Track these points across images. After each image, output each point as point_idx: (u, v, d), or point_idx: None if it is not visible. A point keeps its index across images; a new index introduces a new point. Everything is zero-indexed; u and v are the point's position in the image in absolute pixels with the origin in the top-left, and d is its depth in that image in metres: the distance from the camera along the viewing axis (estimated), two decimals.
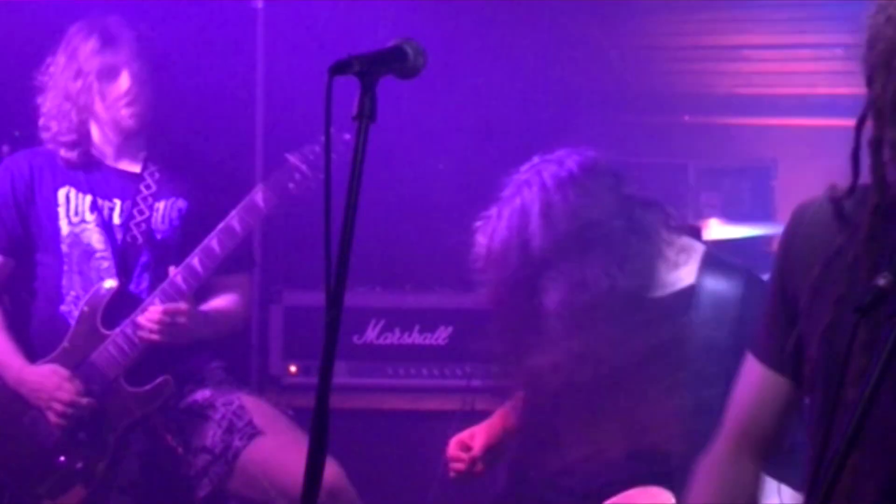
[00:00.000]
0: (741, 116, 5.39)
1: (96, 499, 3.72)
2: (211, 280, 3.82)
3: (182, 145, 3.95)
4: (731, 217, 4.53)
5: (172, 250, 3.81)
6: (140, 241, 3.80)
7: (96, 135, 3.85)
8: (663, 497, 2.64)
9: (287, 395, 4.17)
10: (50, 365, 3.74)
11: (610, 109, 4.83)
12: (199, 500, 3.73)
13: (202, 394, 3.81)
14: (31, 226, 3.84)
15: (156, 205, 3.84)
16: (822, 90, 5.28)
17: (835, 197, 1.72)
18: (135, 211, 3.82)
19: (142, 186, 3.85)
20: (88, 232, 3.80)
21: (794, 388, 1.90)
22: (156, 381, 3.73)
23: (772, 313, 1.87)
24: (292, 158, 3.85)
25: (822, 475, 1.42)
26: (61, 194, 3.83)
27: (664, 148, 4.99)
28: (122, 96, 3.73)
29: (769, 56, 5.33)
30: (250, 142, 4.66)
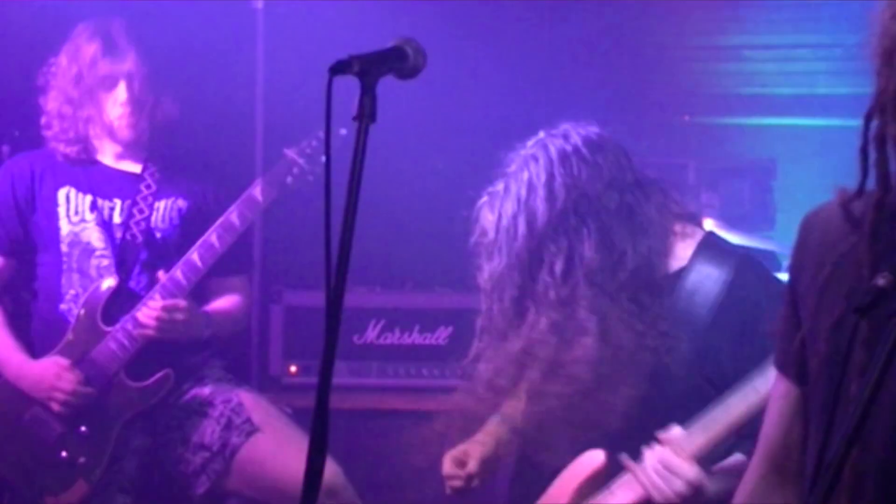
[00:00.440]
0: (741, 116, 5.39)
1: (98, 494, 3.73)
2: (211, 282, 3.84)
3: (182, 145, 3.96)
4: (730, 218, 4.52)
5: (172, 249, 3.82)
6: (140, 239, 3.81)
7: (96, 137, 3.86)
8: (592, 455, 2.66)
9: (287, 395, 4.17)
10: (50, 357, 3.75)
11: (610, 109, 4.82)
12: (196, 498, 3.74)
13: (201, 391, 3.82)
14: (32, 227, 3.85)
15: (156, 204, 3.84)
16: (821, 90, 5.28)
17: (844, 199, 1.71)
18: (135, 210, 3.83)
19: (142, 186, 3.85)
20: (88, 231, 3.80)
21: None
22: (157, 376, 3.75)
23: (785, 323, 1.85)
24: (290, 153, 3.87)
25: (822, 474, 1.42)
26: (61, 194, 3.83)
27: (664, 148, 4.98)
28: (119, 107, 3.75)
29: (769, 56, 5.33)
30: (250, 141, 4.65)
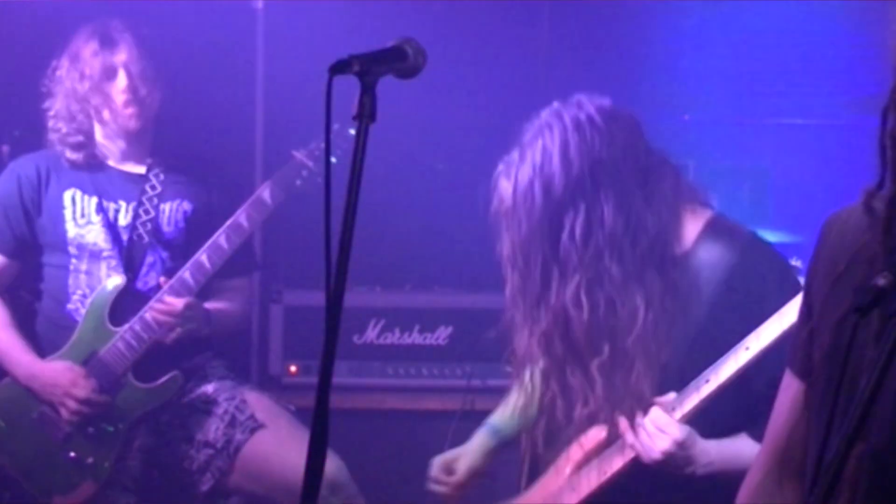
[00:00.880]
0: (741, 116, 5.38)
1: (102, 493, 3.74)
2: (213, 283, 3.85)
3: (183, 145, 3.97)
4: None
5: (178, 251, 3.85)
6: (146, 240, 3.83)
7: (102, 137, 3.87)
8: (596, 431, 2.74)
9: (287, 394, 4.17)
10: (64, 361, 3.76)
11: None
12: (201, 495, 3.75)
13: (205, 389, 3.85)
14: (38, 228, 3.86)
15: (161, 206, 3.86)
16: (822, 90, 5.27)
17: (867, 193, 1.71)
18: (141, 211, 3.85)
19: (147, 187, 3.86)
20: (95, 233, 3.82)
21: None
22: (165, 377, 3.76)
23: (798, 321, 1.84)
24: (299, 155, 3.88)
25: (821, 474, 1.42)
26: (67, 196, 3.84)
27: (664, 148, 4.97)
28: (121, 95, 3.75)
29: (769, 56, 5.32)
30: (250, 141, 4.66)
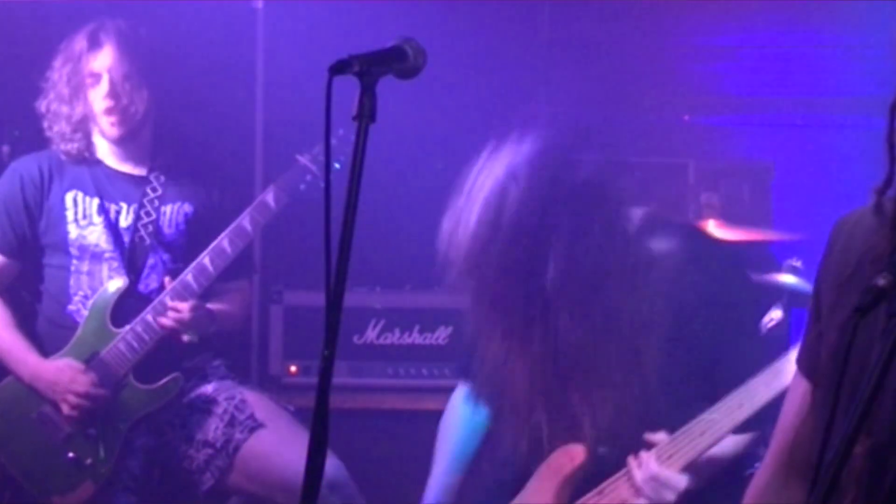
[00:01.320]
0: (741, 116, 5.38)
1: (102, 494, 3.74)
2: (213, 285, 3.86)
3: (183, 146, 3.97)
4: (729, 218, 4.52)
5: (179, 253, 3.86)
6: (147, 242, 3.84)
7: (97, 137, 3.87)
8: (572, 452, 2.77)
9: (287, 394, 4.17)
10: (64, 359, 3.76)
11: (610, 109, 4.82)
12: (201, 495, 3.76)
13: (205, 389, 3.85)
14: (40, 229, 3.86)
15: (163, 208, 3.87)
16: (822, 90, 5.27)
17: (877, 193, 1.70)
18: (142, 213, 3.85)
19: (148, 189, 3.87)
20: (96, 234, 3.82)
21: None
22: (167, 378, 3.77)
23: (808, 321, 1.84)
24: (302, 159, 3.88)
25: (821, 474, 1.42)
26: (69, 198, 3.85)
27: (664, 148, 4.98)
28: (101, 102, 3.75)
29: (769, 56, 5.33)
30: (250, 142, 4.66)
